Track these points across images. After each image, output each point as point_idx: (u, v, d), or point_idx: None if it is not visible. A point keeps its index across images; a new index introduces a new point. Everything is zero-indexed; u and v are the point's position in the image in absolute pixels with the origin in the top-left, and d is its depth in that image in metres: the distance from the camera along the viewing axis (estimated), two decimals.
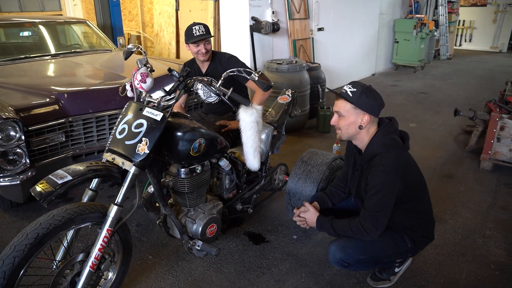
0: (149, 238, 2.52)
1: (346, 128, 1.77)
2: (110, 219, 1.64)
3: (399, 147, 1.74)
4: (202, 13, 5.56)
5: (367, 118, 1.72)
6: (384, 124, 1.79)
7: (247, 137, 2.04)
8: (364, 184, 1.79)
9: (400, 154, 1.74)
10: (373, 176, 1.70)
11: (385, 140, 1.73)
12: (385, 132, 1.76)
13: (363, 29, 7.48)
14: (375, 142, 1.75)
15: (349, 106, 1.72)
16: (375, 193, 1.70)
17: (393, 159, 1.69)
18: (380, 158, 1.70)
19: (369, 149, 1.76)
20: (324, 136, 4.54)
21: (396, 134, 1.78)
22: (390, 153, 1.70)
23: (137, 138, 1.69)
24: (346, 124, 1.75)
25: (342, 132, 1.80)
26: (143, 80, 1.85)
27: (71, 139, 2.64)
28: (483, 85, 7.12)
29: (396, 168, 1.68)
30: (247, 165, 2.20)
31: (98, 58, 3.86)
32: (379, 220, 1.72)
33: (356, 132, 1.77)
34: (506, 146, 3.27)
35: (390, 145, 1.73)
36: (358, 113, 1.72)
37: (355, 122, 1.73)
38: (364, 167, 1.81)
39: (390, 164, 1.67)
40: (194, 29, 2.52)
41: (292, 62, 4.61)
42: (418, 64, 8.39)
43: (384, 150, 1.71)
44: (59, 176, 1.51)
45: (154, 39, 6.67)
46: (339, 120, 1.78)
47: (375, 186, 1.70)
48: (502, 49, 11.80)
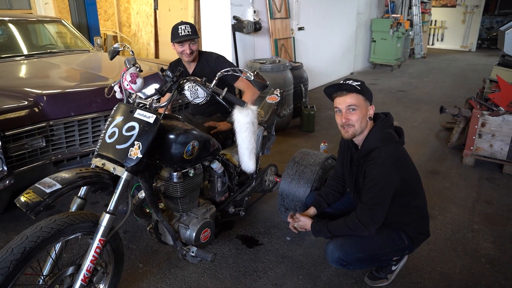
0: (138, 245, 2.42)
1: (360, 122, 1.75)
2: (103, 229, 1.55)
3: (395, 141, 1.76)
4: (182, 12, 5.45)
5: (372, 109, 1.77)
6: (380, 119, 1.81)
7: (243, 138, 1.98)
8: (362, 178, 1.78)
9: (397, 148, 1.76)
10: (371, 169, 1.70)
11: (382, 134, 1.75)
12: (382, 127, 1.77)
13: (341, 29, 7.56)
14: (372, 136, 1.76)
15: (361, 98, 1.73)
16: (372, 186, 1.70)
17: (390, 152, 1.71)
18: (378, 151, 1.71)
19: (366, 143, 1.77)
20: (308, 135, 4.54)
21: (392, 128, 1.80)
22: (388, 147, 1.72)
23: (129, 142, 1.61)
24: (361, 117, 1.74)
25: (356, 128, 1.76)
26: (133, 81, 1.76)
27: (52, 144, 2.51)
28: (457, 83, 7.34)
29: (393, 161, 1.69)
30: (243, 167, 2.14)
31: (76, 58, 3.70)
32: (376, 213, 1.72)
33: (366, 125, 1.77)
34: (487, 142, 3.36)
35: (387, 139, 1.74)
36: (367, 105, 1.76)
37: (365, 114, 1.75)
38: (361, 162, 1.81)
39: (387, 157, 1.68)
40: (180, 28, 2.44)
41: (275, 62, 4.58)
42: (395, 63, 8.57)
43: (381, 144, 1.72)
44: (46, 185, 1.41)
45: (131, 39, 6.49)
46: (351, 116, 1.74)
47: (373, 178, 1.70)
48: (471, 48, 12.25)
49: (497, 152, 3.34)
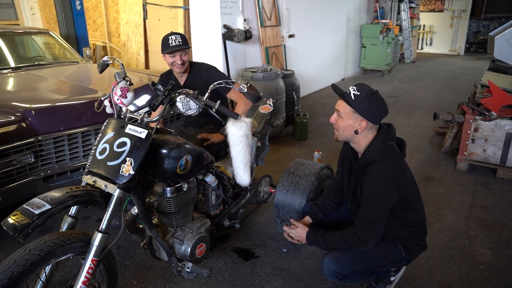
0: (132, 261, 2.36)
1: (343, 130, 1.73)
2: (95, 248, 1.50)
3: (396, 154, 1.71)
4: (171, 21, 5.43)
5: (364, 124, 1.68)
6: (382, 130, 1.75)
7: (237, 151, 1.95)
8: (359, 190, 1.75)
9: (397, 162, 1.71)
10: (369, 184, 1.67)
11: (383, 147, 1.70)
12: (383, 139, 1.72)
13: (332, 35, 7.61)
14: (372, 149, 1.72)
15: (349, 108, 1.68)
16: (370, 202, 1.67)
17: (389, 166, 1.66)
18: (377, 165, 1.67)
19: (365, 155, 1.73)
20: (301, 143, 4.52)
21: (393, 141, 1.76)
22: (387, 161, 1.68)
23: (121, 158, 1.57)
24: (343, 125, 1.72)
25: (339, 133, 1.76)
26: (123, 95, 1.72)
27: (41, 159, 2.45)
28: (448, 87, 7.41)
29: (392, 176, 1.65)
30: (237, 181, 2.11)
31: (65, 70, 3.65)
32: (375, 230, 1.69)
33: (351, 136, 1.74)
34: (480, 147, 3.38)
35: (387, 151, 1.70)
36: (356, 118, 1.68)
37: (352, 125, 1.70)
38: (359, 173, 1.77)
39: (386, 172, 1.64)
40: (170, 39, 2.40)
41: (267, 70, 4.57)
42: (386, 68, 8.64)
43: (381, 157, 1.68)
44: (35, 206, 1.36)
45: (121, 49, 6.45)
46: (338, 120, 1.74)
47: (370, 194, 1.66)
48: (460, 52, 12.44)
49: (490, 157, 3.36)
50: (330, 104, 6.30)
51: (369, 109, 1.66)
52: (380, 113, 1.70)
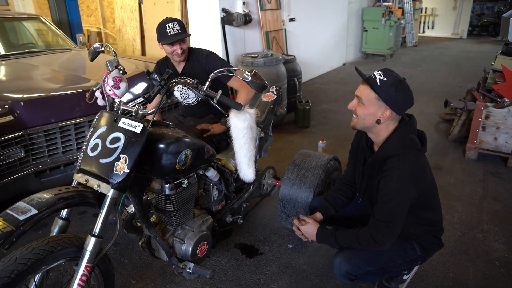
0: (130, 259, 2.26)
1: (363, 118, 1.58)
2: (88, 254, 1.38)
3: (417, 149, 1.57)
4: (167, 6, 5.21)
5: (388, 113, 1.52)
6: (403, 122, 1.59)
7: (241, 145, 1.82)
8: (374, 186, 1.62)
9: (418, 157, 1.57)
10: (387, 181, 1.52)
11: (404, 141, 1.55)
12: (404, 131, 1.56)
13: (333, 19, 7.38)
14: (392, 141, 1.56)
15: (373, 95, 1.52)
16: (388, 201, 1.54)
17: (411, 162, 1.52)
18: (397, 160, 1.52)
19: (384, 148, 1.58)
20: (304, 131, 4.38)
21: (414, 133, 1.61)
22: (408, 156, 1.53)
23: (114, 155, 1.43)
24: (364, 113, 1.56)
25: (358, 121, 1.60)
26: (116, 86, 1.58)
27: (32, 153, 2.32)
28: (452, 72, 7.24)
29: (412, 174, 1.51)
30: (241, 176, 1.98)
31: (57, 58, 3.47)
32: (391, 230, 1.57)
33: (372, 125, 1.58)
34: (491, 135, 3.25)
35: (408, 146, 1.55)
36: (380, 106, 1.52)
37: (374, 114, 1.54)
38: (375, 167, 1.63)
39: (406, 169, 1.50)
40: (167, 27, 2.22)
41: (268, 55, 4.40)
42: (388, 52, 8.43)
43: (401, 152, 1.53)
44: (20, 211, 1.23)
45: (116, 35, 6.23)
46: (357, 107, 1.58)
47: (389, 192, 1.53)
48: (463, 36, 12.19)
49: (501, 145, 3.23)
50: (332, 90, 6.14)
51: (395, 97, 1.50)
52: (407, 103, 1.54)
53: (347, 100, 5.54)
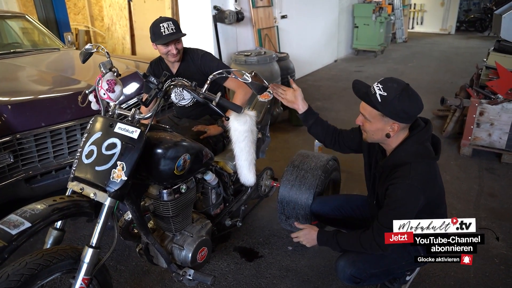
0: (127, 266, 2.20)
1: (372, 134, 1.54)
2: (86, 266, 1.32)
3: (431, 157, 1.52)
4: (158, 3, 5.12)
5: (396, 127, 1.47)
6: (419, 128, 1.52)
7: (241, 149, 1.77)
8: (382, 190, 1.59)
9: (430, 166, 1.52)
10: (395, 189, 1.49)
11: (418, 148, 1.50)
12: (418, 139, 1.50)
13: (324, 15, 7.36)
14: (404, 149, 1.51)
15: (375, 112, 1.47)
16: (394, 209, 1.50)
17: (422, 172, 1.47)
18: (409, 169, 1.47)
19: (396, 154, 1.53)
20: (298, 129, 4.35)
21: (429, 141, 1.55)
22: (420, 165, 1.48)
23: (111, 162, 1.38)
24: (372, 129, 1.53)
25: (368, 135, 1.57)
26: (110, 89, 1.52)
27: (22, 159, 2.23)
28: (442, 67, 7.28)
29: (422, 183, 1.47)
30: (242, 180, 1.94)
31: (45, 58, 3.37)
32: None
33: (383, 139, 1.55)
34: (485, 131, 3.26)
35: (422, 154, 1.50)
36: (387, 121, 1.47)
37: (383, 129, 1.50)
38: (385, 172, 1.59)
39: (416, 178, 1.45)
40: (162, 26, 2.14)
41: (261, 53, 4.36)
42: (379, 48, 8.45)
43: (413, 160, 1.48)
44: (12, 224, 1.17)
45: (105, 33, 6.11)
46: (364, 122, 1.55)
47: (396, 201, 1.49)
48: (451, 31, 12.29)
49: (495, 142, 3.25)
50: (324, 87, 6.12)
51: (400, 111, 1.43)
52: (414, 111, 1.47)
53: (340, 97, 5.53)
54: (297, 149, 3.71)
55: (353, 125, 1.77)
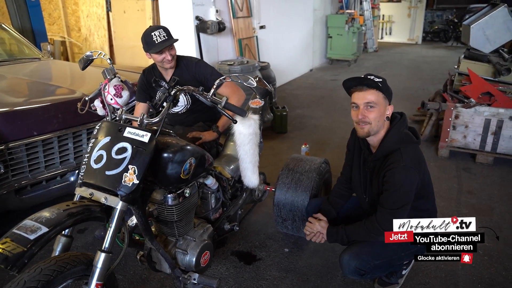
0: (125, 274, 2.17)
1: (377, 121, 1.65)
2: (99, 271, 1.32)
3: (414, 141, 1.68)
4: (138, 14, 5.11)
5: (390, 109, 1.68)
6: (397, 119, 1.71)
7: (246, 151, 1.82)
8: (379, 182, 1.70)
9: (416, 148, 1.70)
10: (394, 173, 1.61)
11: (401, 135, 1.67)
12: (399, 128, 1.68)
13: (300, 26, 7.57)
14: (390, 138, 1.67)
15: (381, 95, 1.63)
16: (395, 190, 1.62)
17: (412, 154, 1.64)
18: (400, 153, 1.63)
19: (384, 145, 1.68)
20: (282, 136, 4.43)
21: (407, 129, 1.72)
22: (408, 148, 1.65)
23: (122, 166, 1.39)
24: (378, 116, 1.64)
25: (372, 126, 1.65)
26: (118, 94, 1.54)
27: (12, 169, 2.17)
28: (413, 75, 7.63)
29: (415, 164, 1.63)
30: (245, 182, 1.98)
31: (27, 68, 3.29)
32: (397, 217, 1.63)
33: (382, 125, 1.67)
34: (461, 133, 3.46)
35: (406, 140, 1.66)
36: (386, 104, 1.66)
37: (384, 113, 1.65)
38: (377, 164, 1.72)
39: (410, 160, 1.61)
40: (154, 35, 2.17)
41: (244, 63, 4.43)
42: (352, 58, 8.75)
43: (401, 146, 1.64)
44: (29, 230, 1.16)
45: (82, 44, 6.00)
46: (369, 113, 1.63)
47: (396, 183, 1.61)
48: (418, 41, 12.92)
49: (470, 143, 3.45)
50: (303, 96, 6.26)
51: (391, 93, 1.67)
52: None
53: (319, 105, 5.68)
54: (283, 155, 3.79)
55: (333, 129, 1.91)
